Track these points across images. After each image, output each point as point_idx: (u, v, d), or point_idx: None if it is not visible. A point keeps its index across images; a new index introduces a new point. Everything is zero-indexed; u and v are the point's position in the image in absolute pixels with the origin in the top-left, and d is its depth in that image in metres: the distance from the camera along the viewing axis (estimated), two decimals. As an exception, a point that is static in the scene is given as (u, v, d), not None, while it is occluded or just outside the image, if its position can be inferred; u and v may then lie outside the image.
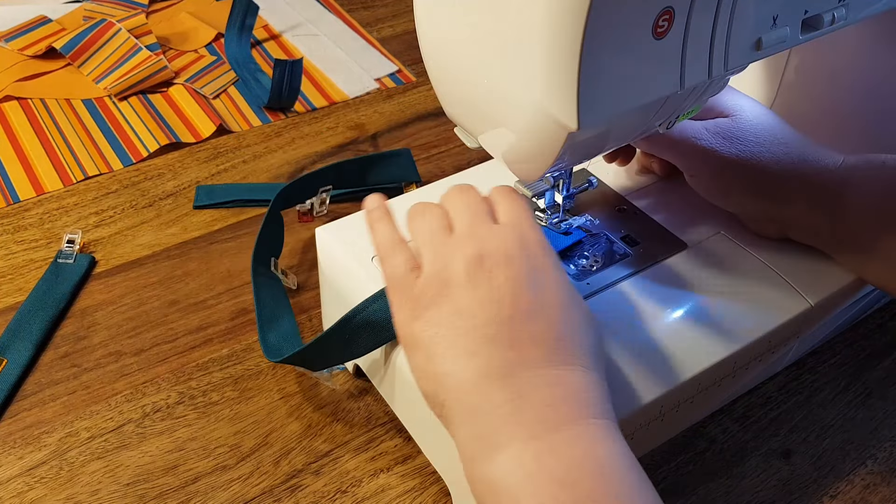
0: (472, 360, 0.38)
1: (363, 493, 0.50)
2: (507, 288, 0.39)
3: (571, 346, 0.38)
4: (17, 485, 0.49)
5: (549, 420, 0.36)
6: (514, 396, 0.36)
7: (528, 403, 0.36)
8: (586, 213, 0.54)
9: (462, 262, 0.39)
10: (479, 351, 0.38)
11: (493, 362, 0.37)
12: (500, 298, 0.38)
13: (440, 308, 0.39)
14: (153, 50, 0.84)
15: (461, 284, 0.39)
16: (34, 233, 0.66)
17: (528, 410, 0.36)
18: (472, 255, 0.39)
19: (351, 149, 0.76)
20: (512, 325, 0.38)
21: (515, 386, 0.37)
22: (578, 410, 0.36)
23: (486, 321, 0.38)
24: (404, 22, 0.95)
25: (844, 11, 0.41)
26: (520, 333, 0.38)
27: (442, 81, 0.43)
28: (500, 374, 0.37)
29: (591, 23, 0.32)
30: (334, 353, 0.49)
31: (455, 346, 0.38)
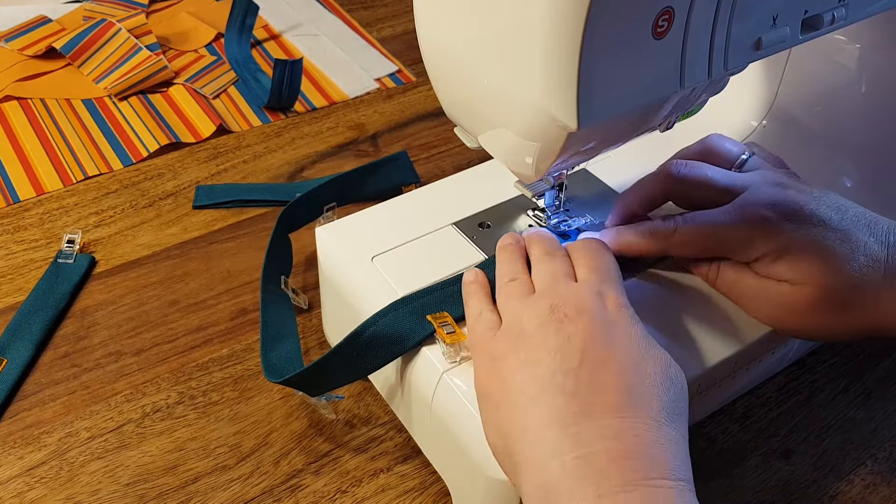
0: (535, 408, 0.37)
1: (363, 493, 0.50)
2: (577, 339, 0.38)
3: (642, 399, 0.37)
4: (17, 485, 0.49)
5: (615, 477, 0.34)
6: (577, 447, 0.35)
7: (593, 456, 0.35)
8: (586, 213, 0.54)
9: (535, 315, 0.40)
10: (542, 399, 0.37)
11: (556, 411, 0.36)
12: (568, 348, 0.38)
13: (508, 359, 0.39)
14: (153, 50, 0.84)
15: (531, 335, 0.39)
16: (34, 233, 0.66)
17: (592, 464, 0.34)
18: (545, 307, 0.40)
19: (351, 149, 0.76)
20: (579, 374, 0.37)
21: (579, 436, 0.35)
22: (647, 469, 0.34)
23: (553, 370, 0.37)
24: (404, 22, 0.95)
25: (844, 11, 0.41)
26: (587, 384, 0.37)
27: (442, 81, 0.43)
28: (562, 423, 0.36)
29: (590, 23, 0.32)
30: (339, 373, 0.47)
31: (521, 394, 0.38)
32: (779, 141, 0.58)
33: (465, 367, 0.44)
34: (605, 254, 0.44)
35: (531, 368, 0.38)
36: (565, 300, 0.40)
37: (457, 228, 0.52)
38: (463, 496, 0.46)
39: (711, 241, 0.46)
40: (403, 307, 0.46)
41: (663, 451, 0.35)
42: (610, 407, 0.36)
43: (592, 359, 0.38)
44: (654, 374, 0.38)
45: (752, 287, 0.45)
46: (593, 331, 0.39)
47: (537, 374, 0.38)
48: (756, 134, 0.60)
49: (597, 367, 0.37)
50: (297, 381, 0.48)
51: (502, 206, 0.54)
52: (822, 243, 0.43)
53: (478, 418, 0.41)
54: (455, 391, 0.43)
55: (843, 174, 0.57)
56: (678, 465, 0.35)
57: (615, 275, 0.43)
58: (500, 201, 0.54)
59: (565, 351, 0.38)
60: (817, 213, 0.44)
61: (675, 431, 0.37)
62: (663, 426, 0.36)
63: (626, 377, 0.37)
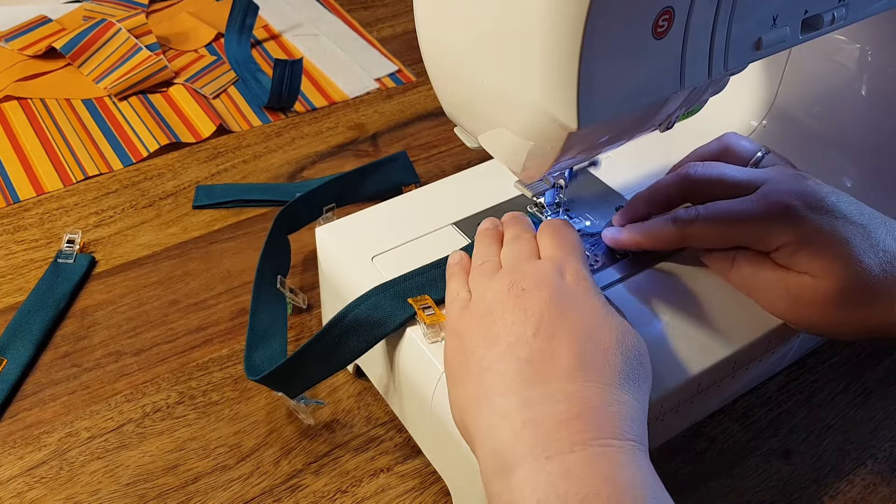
0: (489, 377, 0.38)
1: (363, 493, 0.50)
2: (533, 310, 0.39)
3: (594, 364, 0.37)
4: (17, 485, 0.49)
5: (563, 438, 0.34)
6: (527, 411, 0.36)
7: (541, 419, 0.35)
8: (586, 213, 0.54)
9: (495, 291, 0.41)
10: (496, 367, 0.38)
11: (508, 378, 0.37)
12: (524, 320, 0.39)
13: (471, 335, 0.40)
14: (153, 50, 0.84)
15: (491, 309, 0.40)
16: (34, 233, 0.66)
17: (540, 426, 0.35)
18: (504, 282, 0.41)
19: (351, 149, 0.76)
20: (532, 343, 0.38)
21: (529, 400, 0.36)
22: (596, 429, 0.35)
23: (509, 341, 0.38)
24: (404, 22, 0.95)
25: (844, 11, 0.41)
26: (538, 350, 0.38)
27: (442, 81, 0.43)
28: (513, 389, 0.37)
29: (590, 23, 0.32)
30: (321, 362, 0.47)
31: (477, 366, 0.38)
32: (779, 141, 0.58)
33: (465, 367, 0.44)
34: (569, 231, 0.45)
35: (488, 341, 0.39)
36: (525, 275, 0.41)
37: (457, 228, 0.52)
38: (463, 496, 0.46)
39: (732, 229, 0.46)
40: (385, 291, 0.47)
41: (613, 412, 0.36)
42: (561, 372, 0.37)
43: (546, 328, 0.38)
44: (609, 340, 0.38)
45: (770, 279, 0.45)
46: (550, 302, 0.39)
47: (493, 346, 0.38)
48: (756, 134, 0.60)
49: (551, 335, 0.38)
50: (276, 376, 0.48)
51: (502, 206, 0.54)
52: (844, 235, 0.43)
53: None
54: (455, 391, 0.43)
55: (843, 174, 0.57)
56: (629, 425, 0.36)
57: (578, 250, 0.44)
58: (500, 201, 0.54)
59: (521, 322, 0.39)
60: (838, 206, 0.45)
61: (629, 395, 0.37)
62: (615, 389, 0.37)
63: (580, 343, 0.38)
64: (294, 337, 0.58)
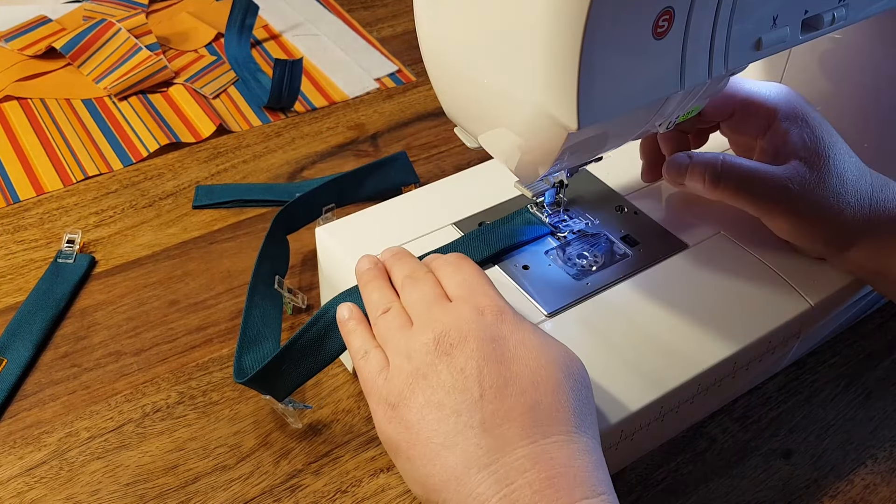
0: (451, 455, 0.36)
1: (363, 493, 0.50)
2: (469, 368, 0.37)
3: (549, 412, 0.36)
4: (17, 485, 0.49)
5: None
6: (499, 486, 0.35)
7: (516, 493, 0.34)
8: (586, 213, 0.54)
9: (421, 352, 0.39)
10: (454, 443, 0.36)
11: (470, 452, 0.36)
12: (464, 382, 0.37)
13: (409, 404, 0.38)
14: (153, 50, 0.84)
15: (423, 375, 0.38)
16: (34, 233, 0.66)
17: (516, 501, 0.34)
18: (430, 341, 0.39)
19: (351, 149, 0.76)
20: (482, 406, 0.36)
21: (499, 474, 0.35)
22: (569, 491, 0.34)
23: (456, 409, 0.37)
24: (404, 22, 0.95)
25: (844, 11, 0.41)
26: (491, 414, 0.36)
27: (442, 81, 0.43)
28: (480, 463, 0.35)
29: (590, 23, 0.32)
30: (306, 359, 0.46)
31: (430, 442, 0.37)
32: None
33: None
34: (466, 262, 0.44)
35: (434, 412, 0.37)
36: (446, 327, 0.39)
37: (457, 228, 0.52)
38: (463, 496, 0.46)
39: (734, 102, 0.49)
40: None
41: (580, 467, 0.35)
42: (520, 433, 0.36)
43: (490, 385, 0.37)
44: (556, 376, 0.37)
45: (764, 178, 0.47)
46: (483, 352, 0.38)
47: (441, 417, 0.37)
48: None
49: (497, 393, 0.37)
50: (262, 377, 0.47)
51: (502, 206, 0.54)
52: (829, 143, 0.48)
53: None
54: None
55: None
56: (597, 477, 0.35)
57: (483, 280, 0.42)
58: (500, 201, 0.54)
59: (462, 385, 0.37)
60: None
61: (586, 436, 0.37)
62: (574, 436, 0.36)
63: (528, 395, 0.37)
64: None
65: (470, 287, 0.41)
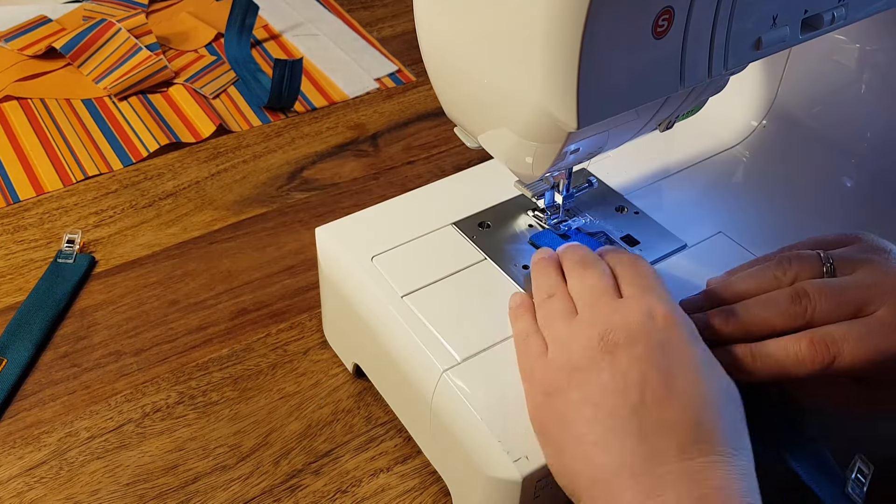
0: (603, 456, 0.35)
1: (363, 493, 0.50)
2: (633, 372, 0.36)
3: (709, 431, 0.35)
4: (17, 485, 0.49)
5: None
6: (649, 496, 0.34)
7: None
8: (586, 212, 0.54)
9: (584, 347, 0.38)
10: (608, 444, 0.35)
11: (625, 458, 0.35)
12: (626, 385, 0.36)
13: (567, 396, 0.37)
14: (153, 50, 0.84)
15: (584, 369, 0.37)
16: (34, 233, 0.66)
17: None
18: (594, 336, 0.38)
19: (351, 149, 0.76)
20: (642, 413, 0.35)
21: (649, 484, 0.34)
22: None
23: (613, 411, 0.36)
24: (404, 22, 0.95)
25: (844, 11, 0.41)
26: (651, 423, 0.35)
27: (442, 81, 0.43)
28: (632, 471, 0.34)
29: (590, 22, 0.32)
30: None
31: (584, 439, 0.36)
32: (779, 141, 0.59)
33: (464, 366, 0.44)
34: (644, 263, 0.42)
35: (590, 410, 0.36)
36: (613, 325, 0.38)
37: (457, 228, 0.52)
38: (463, 496, 0.46)
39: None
40: None
41: (733, 490, 0.34)
42: (678, 448, 0.35)
43: (653, 393, 0.36)
44: (717, 394, 0.36)
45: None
46: (649, 359, 0.37)
47: (598, 416, 0.36)
48: (756, 134, 0.60)
49: (660, 404, 0.36)
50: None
51: (502, 206, 0.54)
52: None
53: (477, 418, 0.41)
54: (455, 391, 0.43)
55: (843, 174, 0.57)
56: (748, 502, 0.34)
57: (660, 283, 0.41)
58: (500, 201, 0.54)
59: (623, 388, 0.36)
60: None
61: (743, 460, 0.35)
62: (731, 457, 0.35)
63: (692, 412, 0.35)
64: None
65: (645, 286, 0.40)
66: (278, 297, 0.61)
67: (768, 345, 0.40)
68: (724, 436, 0.35)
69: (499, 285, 0.48)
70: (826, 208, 0.56)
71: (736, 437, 0.36)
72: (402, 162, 0.75)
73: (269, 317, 0.60)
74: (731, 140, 0.60)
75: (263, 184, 0.72)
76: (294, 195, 0.70)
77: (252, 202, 0.70)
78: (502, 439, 0.40)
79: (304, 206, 0.69)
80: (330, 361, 0.57)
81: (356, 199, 0.71)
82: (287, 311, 0.60)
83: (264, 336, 0.58)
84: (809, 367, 0.38)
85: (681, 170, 0.58)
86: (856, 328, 0.39)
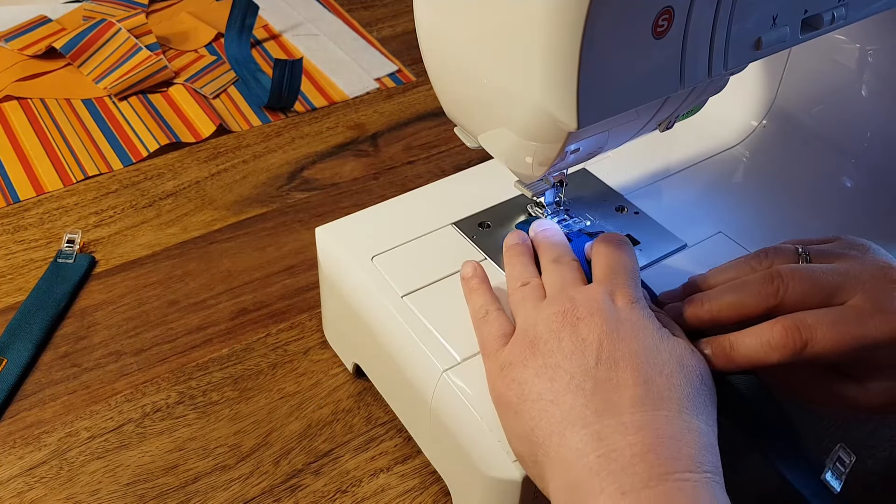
0: (557, 410, 0.37)
1: (363, 493, 0.50)
2: (591, 339, 0.38)
3: (660, 390, 0.36)
4: (17, 485, 0.49)
5: (638, 473, 0.34)
6: (600, 445, 0.35)
7: (615, 453, 0.35)
8: (586, 212, 0.54)
9: (547, 319, 0.40)
10: (562, 400, 0.37)
11: (577, 411, 0.36)
12: (583, 349, 0.38)
13: (526, 365, 0.39)
14: (153, 50, 0.84)
15: (545, 341, 0.39)
16: (34, 233, 0.66)
17: (615, 461, 0.34)
18: (556, 311, 0.40)
19: (351, 149, 0.76)
20: (596, 373, 0.37)
21: (601, 434, 0.35)
22: (671, 462, 0.34)
23: (571, 372, 0.38)
24: (404, 22, 0.95)
25: (844, 11, 0.41)
26: (604, 380, 0.37)
27: (442, 81, 0.43)
28: (584, 422, 0.36)
29: (590, 22, 0.32)
30: None
31: (540, 398, 0.38)
32: (779, 141, 0.59)
33: (464, 366, 0.44)
34: (623, 251, 0.44)
35: (549, 373, 0.38)
36: (576, 303, 0.40)
37: (457, 228, 0.52)
38: (463, 496, 0.46)
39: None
40: None
41: (686, 442, 0.35)
42: (629, 402, 0.36)
43: (607, 356, 0.38)
44: (671, 364, 0.38)
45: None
46: (606, 329, 0.39)
47: (556, 377, 0.38)
48: (756, 134, 0.60)
49: (613, 364, 0.37)
50: None
51: (502, 206, 0.54)
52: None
53: (477, 417, 0.42)
54: (455, 390, 0.43)
55: (843, 174, 0.57)
56: (703, 455, 0.35)
57: (630, 271, 0.43)
58: (500, 201, 0.54)
59: (580, 352, 0.38)
60: None
61: (698, 420, 0.36)
62: (685, 415, 0.36)
63: (643, 370, 0.37)
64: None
65: (612, 273, 0.42)
66: (278, 297, 0.61)
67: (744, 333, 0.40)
68: (677, 395, 0.36)
69: (499, 285, 0.48)
70: (826, 208, 0.56)
71: (691, 399, 0.37)
72: (402, 162, 0.75)
73: (269, 317, 0.60)
74: (731, 140, 0.60)
75: (263, 184, 0.72)
76: (294, 195, 0.71)
77: (252, 202, 0.70)
78: (502, 439, 0.41)
79: (304, 206, 0.69)
80: (330, 361, 0.57)
81: (356, 199, 0.71)
82: (287, 311, 0.60)
83: (264, 336, 0.58)
84: (782, 353, 0.38)
85: (681, 170, 0.58)
86: (829, 314, 0.39)
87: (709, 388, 0.39)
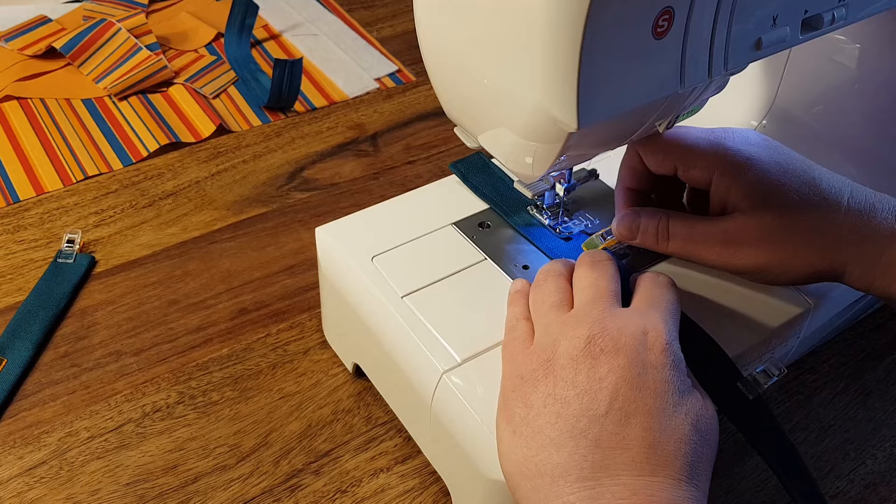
0: (556, 454, 0.36)
1: (363, 493, 0.50)
2: (607, 382, 0.36)
3: (666, 457, 0.35)
4: (17, 485, 0.49)
5: None
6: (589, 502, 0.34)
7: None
8: (586, 213, 0.54)
9: (569, 343, 0.38)
10: (563, 444, 0.36)
11: (576, 460, 0.35)
12: (597, 392, 0.36)
13: (537, 386, 0.38)
14: (153, 50, 0.84)
15: (562, 366, 0.38)
16: (34, 233, 0.66)
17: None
18: (581, 336, 0.38)
19: (351, 149, 0.76)
20: (604, 423, 0.36)
21: (595, 492, 0.34)
22: None
23: (579, 413, 0.36)
24: (404, 22, 0.95)
25: (844, 11, 0.41)
26: (610, 434, 0.35)
27: (442, 81, 0.43)
28: (580, 475, 0.35)
29: (590, 23, 0.32)
30: None
31: (542, 432, 0.37)
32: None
33: (464, 367, 0.44)
34: (667, 288, 0.42)
35: (557, 407, 0.37)
36: (605, 331, 0.38)
37: (457, 228, 0.52)
38: (463, 496, 0.46)
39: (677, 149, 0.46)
40: None
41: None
42: (630, 463, 0.35)
43: (620, 407, 0.36)
44: (684, 428, 0.36)
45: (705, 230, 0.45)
46: (626, 374, 0.37)
47: (563, 414, 0.36)
48: (756, 134, 0.60)
49: (624, 418, 0.36)
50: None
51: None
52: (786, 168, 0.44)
53: (477, 419, 0.41)
54: (455, 391, 0.43)
55: (842, 174, 0.57)
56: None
57: (671, 310, 0.41)
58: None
59: (593, 394, 0.36)
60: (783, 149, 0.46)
61: (696, 489, 0.35)
62: (683, 484, 0.35)
63: (653, 433, 0.36)
64: (294, 337, 0.58)
65: (653, 304, 0.40)
66: (278, 297, 0.61)
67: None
68: (680, 464, 0.35)
69: (499, 285, 0.48)
70: (826, 208, 0.55)
71: (694, 467, 0.36)
72: (402, 162, 0.75)
73: (269, 317, 0.60)
74: (731, 140, 0.60)
75: (263, 184, 0.72)
76: (294, 195, 0.71)
77: (252, 202, 0.70)
78: (502, 439, 0.41)
79: (304, 206, 0.69)
80: (330, 361, 0.57)
81: (356, 199, 0.71)
82: (287, 311, 0.60)
83: (264, 336, 0.58)
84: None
85: (681, 170, 0.58)
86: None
87: (712, 451, 0.37)
